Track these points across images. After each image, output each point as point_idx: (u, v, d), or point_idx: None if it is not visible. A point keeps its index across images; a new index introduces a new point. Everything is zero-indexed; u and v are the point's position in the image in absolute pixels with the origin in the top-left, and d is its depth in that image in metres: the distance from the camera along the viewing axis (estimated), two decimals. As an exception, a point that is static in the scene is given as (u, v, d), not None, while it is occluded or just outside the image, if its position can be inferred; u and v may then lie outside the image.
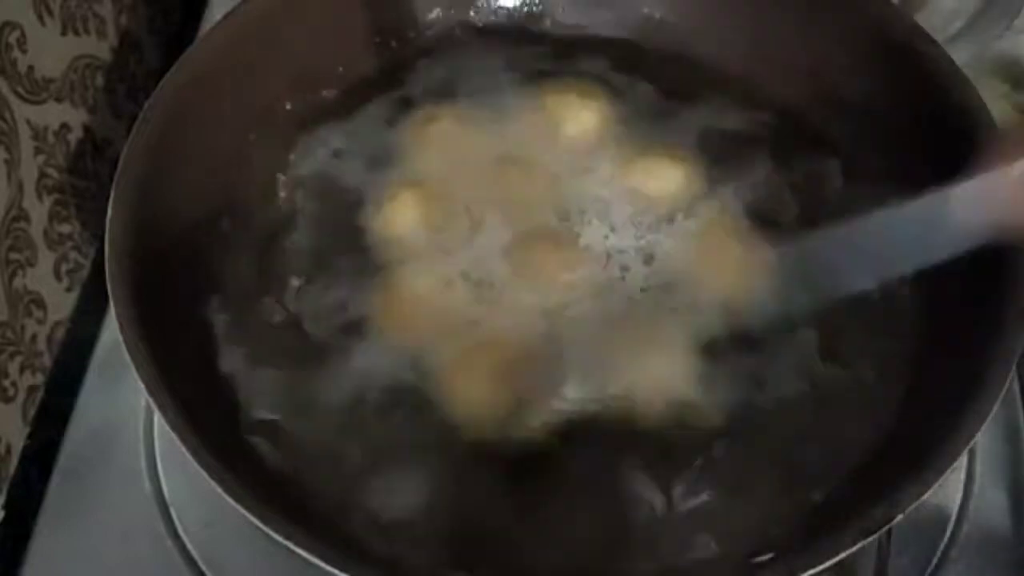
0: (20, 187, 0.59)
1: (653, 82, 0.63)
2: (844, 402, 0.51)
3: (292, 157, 0.60)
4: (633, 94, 0.62)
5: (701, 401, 0.51)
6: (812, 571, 0.41)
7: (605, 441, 0.50)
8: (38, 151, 0.61)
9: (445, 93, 0.63)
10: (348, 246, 0.57)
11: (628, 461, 0.49)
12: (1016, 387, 0.56)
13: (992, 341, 0.46)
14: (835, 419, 0.51)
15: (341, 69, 0.63)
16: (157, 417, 0.48)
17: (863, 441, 0.50)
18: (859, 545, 0.41)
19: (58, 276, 0.65)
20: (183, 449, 0.43)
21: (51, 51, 0.62)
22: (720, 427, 0.50)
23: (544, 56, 0.64)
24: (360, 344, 0.53)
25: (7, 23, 0.57)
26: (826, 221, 0.56)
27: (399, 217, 0.57)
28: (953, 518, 0.53)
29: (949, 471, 0.43)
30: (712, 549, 0.47)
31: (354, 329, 0.54)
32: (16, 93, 0.59)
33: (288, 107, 0.61)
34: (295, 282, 0.56)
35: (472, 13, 0.67)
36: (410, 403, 0.51)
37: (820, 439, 0.50)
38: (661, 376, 0.52)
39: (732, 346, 0.53)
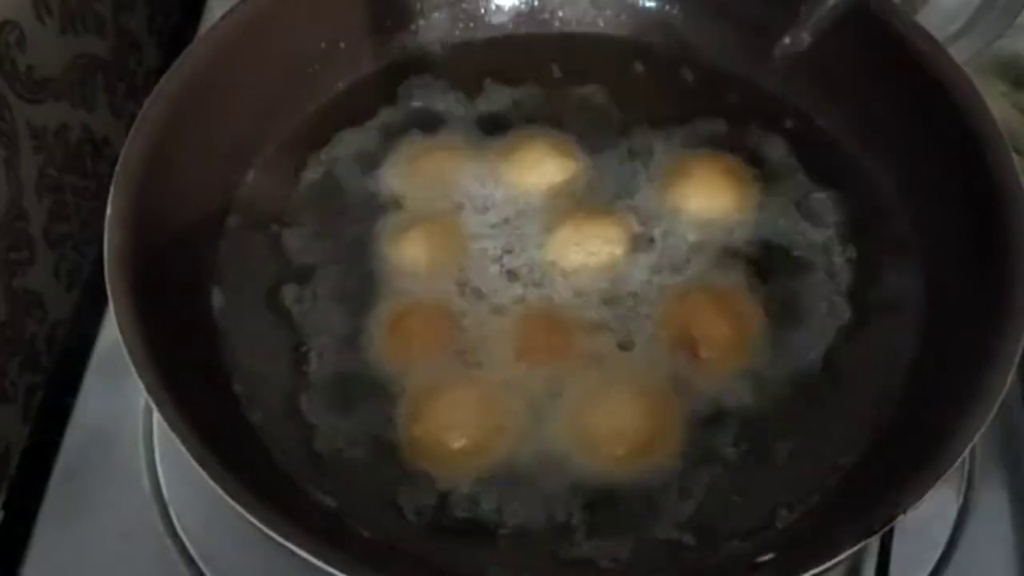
0: (20, 187, 0.59)
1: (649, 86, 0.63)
2: (845, 402, 0.51)
3: (292, 155, 0.60)
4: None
5: (700, 404, 0.51)
6: (813, 571, 0.41)
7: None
8: (37, 150, 0.61)
9: (444, 89, 0.63)
10: (347, 246, 0.57)
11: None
12: (1017, 387, 0.56)
13: (992, 342, 0.46)
14: (836, 419, 0.51)
15: (341, 69, 0.63)
16: (157, 417, 0.48)
17: (864, 441, 0.50)
18: (860, 545, 0.41)
19: (58, 276, 0.65)
20: (183, 449, 0.43)
21: (50, 50, 0.62)
22: (722, 427, 0.51)
23: (545, 58, 0.65)
24: (359, 345, 0.53)
25: (6, 22, 0.57)
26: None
27: (394, 229, 0.57)
28: (954, 518, 0.53)
29: (950, 471, 0.43)
30: (713, 548, 0.48)
31: (353, 331, 0.54)
32: (15, 93, 0.59)
33: (287, 106, 0.61)
34: (295, 282, 0.56)
35: (472, 11, 0.67)
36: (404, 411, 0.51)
37: (821, 439, 0.50)
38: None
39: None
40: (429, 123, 0.62)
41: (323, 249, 0.57)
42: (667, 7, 0.66)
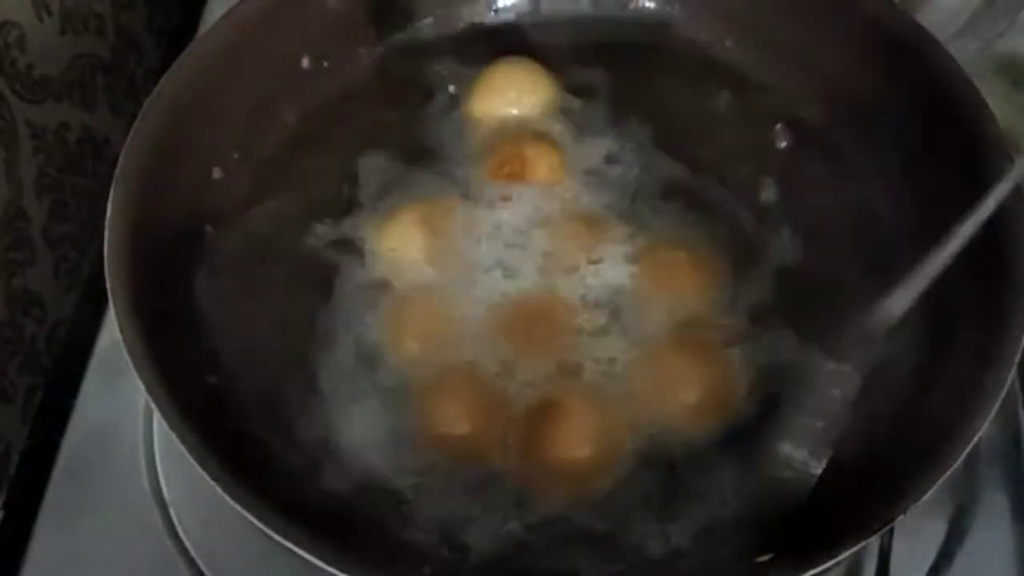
0: (19, 186, 0.59)
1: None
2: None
3: (291, 156, 0.60)
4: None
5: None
6: (813, 571, 0.41)
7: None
8: (37, 150, 0.61)
9: (444, 88, 0.63)
10: (346, 249, 0.57)
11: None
12: (1017, 387, 0.56)
13: (993, 342, 0.46)
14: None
15: (341, 69, 0.63)
16: (157, 417, 0.48)
17: (865, 441, 0.50)
18: (860, 545, 0.41)
19: (57, 275, 0.65)
20: (183, 449, 0.43)
21: (50, 50, 0.62)
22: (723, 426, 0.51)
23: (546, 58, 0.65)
24: (359, 344, 0.53)
25: (6, 22, 0.57)
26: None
27: (394, 232, 0.57)
28: (955, 518, 0.53)
29: (951, 471, 0.43)
30: (713, 549, 0.48)
31: (353, 330, 0.54)
32: (15, 92, 0.59)
33: (287, 106, 0.61)
34: (295, 282, 0.56)
35: (472, 11, 0.67)
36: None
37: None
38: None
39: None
40: (429, 120, 0.62)
41: (324, 248, 0.57)
42: (667, 7, 0.66)
